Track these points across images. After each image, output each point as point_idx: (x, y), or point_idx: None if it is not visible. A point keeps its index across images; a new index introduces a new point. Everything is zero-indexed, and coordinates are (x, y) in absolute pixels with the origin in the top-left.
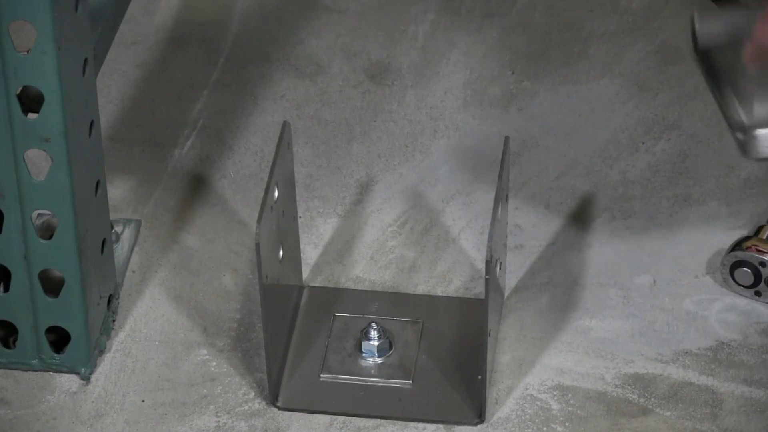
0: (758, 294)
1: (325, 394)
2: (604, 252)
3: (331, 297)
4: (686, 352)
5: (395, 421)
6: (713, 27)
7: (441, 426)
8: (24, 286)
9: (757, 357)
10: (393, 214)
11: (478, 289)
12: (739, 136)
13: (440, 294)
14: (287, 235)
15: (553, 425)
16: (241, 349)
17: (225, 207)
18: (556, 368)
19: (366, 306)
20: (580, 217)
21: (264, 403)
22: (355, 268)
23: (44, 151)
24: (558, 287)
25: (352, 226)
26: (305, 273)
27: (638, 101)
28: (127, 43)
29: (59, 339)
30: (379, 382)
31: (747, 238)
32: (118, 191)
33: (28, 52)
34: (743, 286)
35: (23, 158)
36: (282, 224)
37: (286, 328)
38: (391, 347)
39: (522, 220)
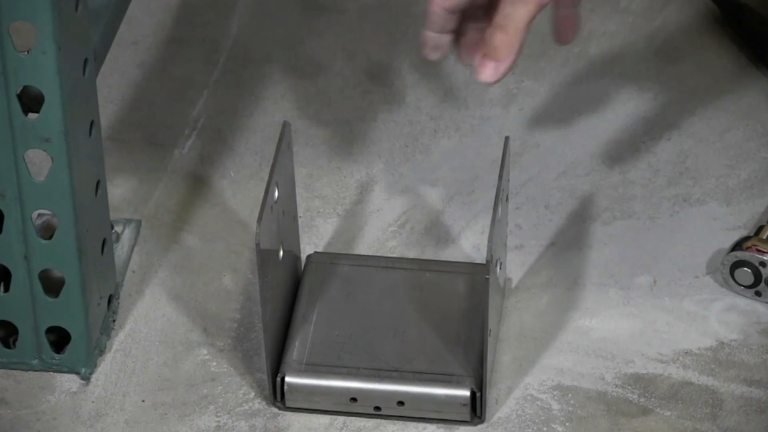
0: (758, 294)
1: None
2: (604, 252)
3: None
4: (686, 352)
5: (395, 421)
6: None
7: (441, 426)
8: (24, 286)
9: (757, 357)
10: (393, 214)
11: None
12: None
13: None
14: (287, 235)
15: (553, 425)
16: (241, 349)
17: (225, 207)
18: (556, 368)
19: None
20: (580, 217)
21: (264, 403)
22: None
23: (44, 151)
24: (558, 287)
25: (352, 226)
26: None
27: (638, 101)
28: (127, 43)
29: (59, 339)
30: None
31: (747, 238)
32: (118, 191)
33: (28, 52)
34: (743, 286)
35: (23, 158)
36: (282, 224)
37: (286, 328)
38: None
39: (522, 220)
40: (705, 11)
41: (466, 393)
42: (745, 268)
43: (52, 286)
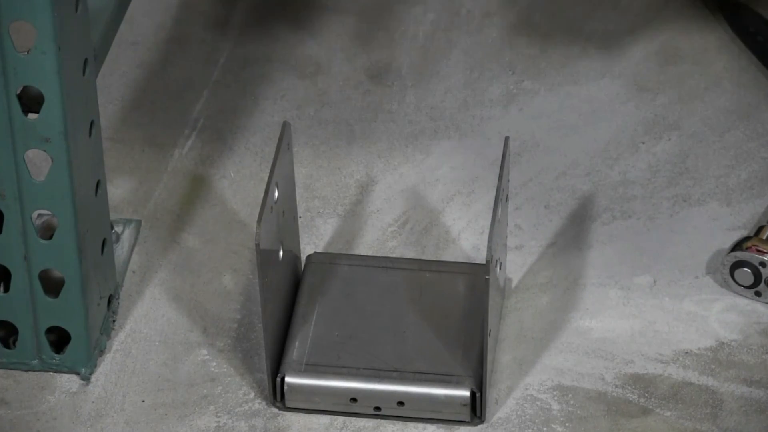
0: (758, 294)
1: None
2: (604, 252)
3: None
4: (686, 352)
5: (395, 421)
6: None
7: (441, 426)
8: (24, 286)
9: (757, 357)
10: (393, 214)
11: None
12: None
13: None
14: (287, 235)
15: (553, 425)
16: (241, 349)
17: (225, 207)
18: (556, 368)
19: None
20: (580, 217)
21: (264, 403)
22: None
23: (44, 151)
24: (558, 287)
25: (352, 226)
26: None
27: (638, 101)
28: (127, 43)
29: (59, 339)
30: None
31: (747, 239)
32: (118, 191)
33: (28, 52)
34: (743, 286)
35: (23, 158)
36: (282, 224)
37: (286, 328)
38: None
39: (522, 220)
40: (705, 11)
41: (466, 393)
42: (745, 268)
43: (52, 286)
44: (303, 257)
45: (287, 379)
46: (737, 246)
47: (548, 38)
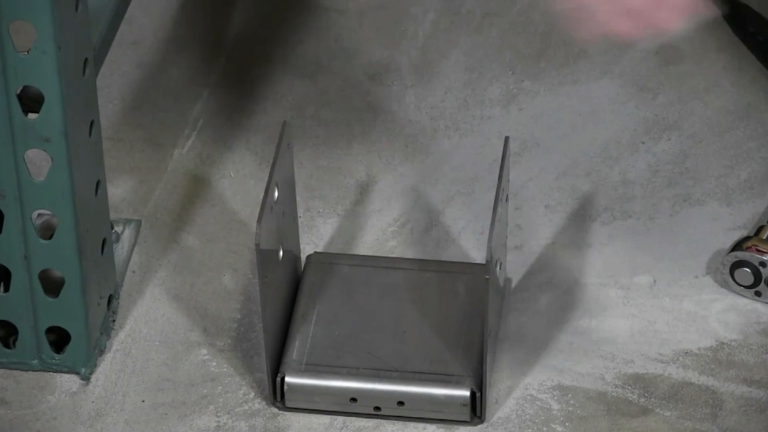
0: (758, 294)
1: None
2: (604, 252)
3: None
4: (686, 352)
5: (395, 421)
6: None
7: (441, 426)
8: (24, 286)
9: (757, 357)
10: (393, 214)
11: None
12: None
13: None
14: (287, 235)
15: (553, 425)
16: (241, 349)
17: (225, 207)
18: (556, 368)
19: None
20: (580, 217)
21: (264, 403)
22: None
23: (44, 151)
24: (558, 287)
25: (352, 226)
26: None
27: (638, 101)
28: (127, 43)
29: (59, 339)
30: None
31: (747, 238)
32: (118, 191)
33: (28, 52)
34: (743, 286)
35: (23, 158)
36: (282, 224)
37: (286, 328)
38: None
39: (522, 220)
40: (705, 11)
41: (466, 393)
42: (745, 268)
43: (52, 286)
44: (303, 257)
45: (287, 379)
46: (737, 246)
47: (548, 38)
